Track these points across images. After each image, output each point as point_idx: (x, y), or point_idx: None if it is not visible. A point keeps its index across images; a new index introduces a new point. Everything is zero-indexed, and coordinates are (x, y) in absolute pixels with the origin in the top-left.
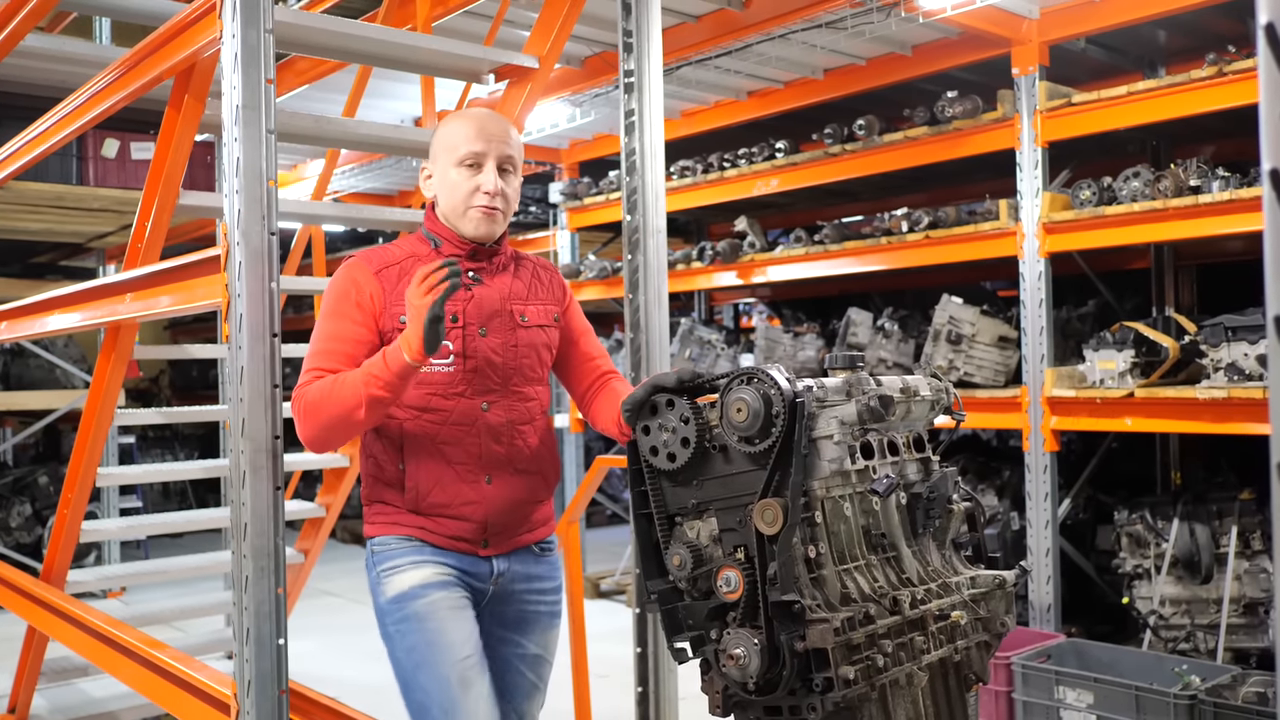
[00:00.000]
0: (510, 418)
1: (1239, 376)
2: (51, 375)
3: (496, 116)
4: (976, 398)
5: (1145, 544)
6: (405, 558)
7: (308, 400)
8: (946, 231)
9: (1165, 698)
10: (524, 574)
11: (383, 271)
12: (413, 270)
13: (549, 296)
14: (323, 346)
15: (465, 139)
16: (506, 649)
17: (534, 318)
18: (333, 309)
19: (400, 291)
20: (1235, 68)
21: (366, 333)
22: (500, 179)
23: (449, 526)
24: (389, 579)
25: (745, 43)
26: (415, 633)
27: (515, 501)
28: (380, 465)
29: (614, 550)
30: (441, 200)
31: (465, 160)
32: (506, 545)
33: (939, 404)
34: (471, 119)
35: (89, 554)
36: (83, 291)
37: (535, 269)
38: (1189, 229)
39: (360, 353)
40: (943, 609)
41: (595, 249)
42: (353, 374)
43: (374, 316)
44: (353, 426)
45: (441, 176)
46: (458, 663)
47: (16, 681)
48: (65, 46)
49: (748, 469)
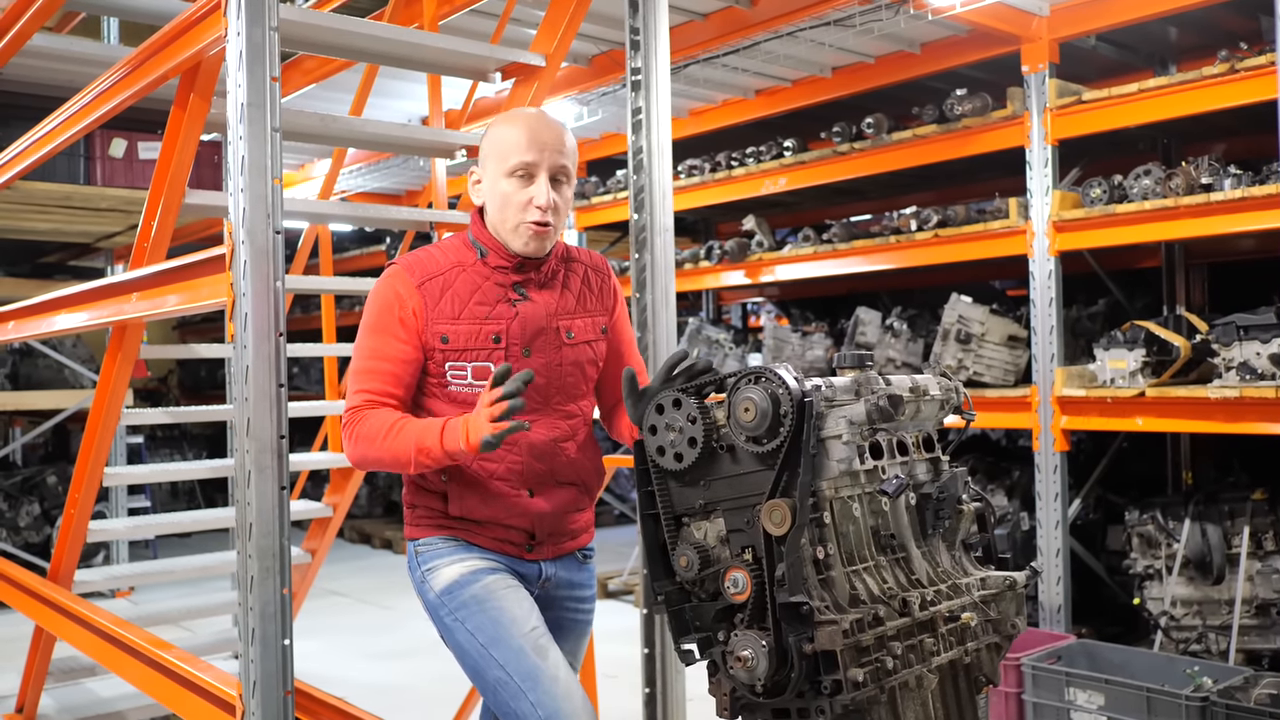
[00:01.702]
0: (553, 436)
1: (1251, 376)
2: (60, 375)
3: (550, 121)
4: (986, 397)
5: (1156, 544)
6: (453, 556)
7: (360, 432)
8: (955, 230)
9: (1177, 699)
10: (568, 580)
11: (425, 285)
12: (456, 283)
13: (598, 306)
14: (369, 365)
15: (517, 147)
16: None
17: (580, 333)
18: (376, 323)
19: (443, 307)
20: (1247, 65)
21: (411, 350)
22: (553, 191)
23: (493, 533)
24: (435, 574)
25: (753, 41)
26: (477, 614)
27: (558, 512)
28: (424, 476)
29: (621, 550)
30: (491, 210)
31: (516, 170)
32: (552, 551)
33: (948, 403)
34: (525, 124)
35: (97, 553)
36: (89, 291)
37: (587, 274)
38: (1200, 227)
39: (406, 372)
40: (953, 610)
41: (603, 248)
42: (409, 431)
43: (417, 333)
44: (397, 470)
45: (491, 185)
46: (528, 633)
47: (24, 681)
48: (73, 46)
49: (755, 469)
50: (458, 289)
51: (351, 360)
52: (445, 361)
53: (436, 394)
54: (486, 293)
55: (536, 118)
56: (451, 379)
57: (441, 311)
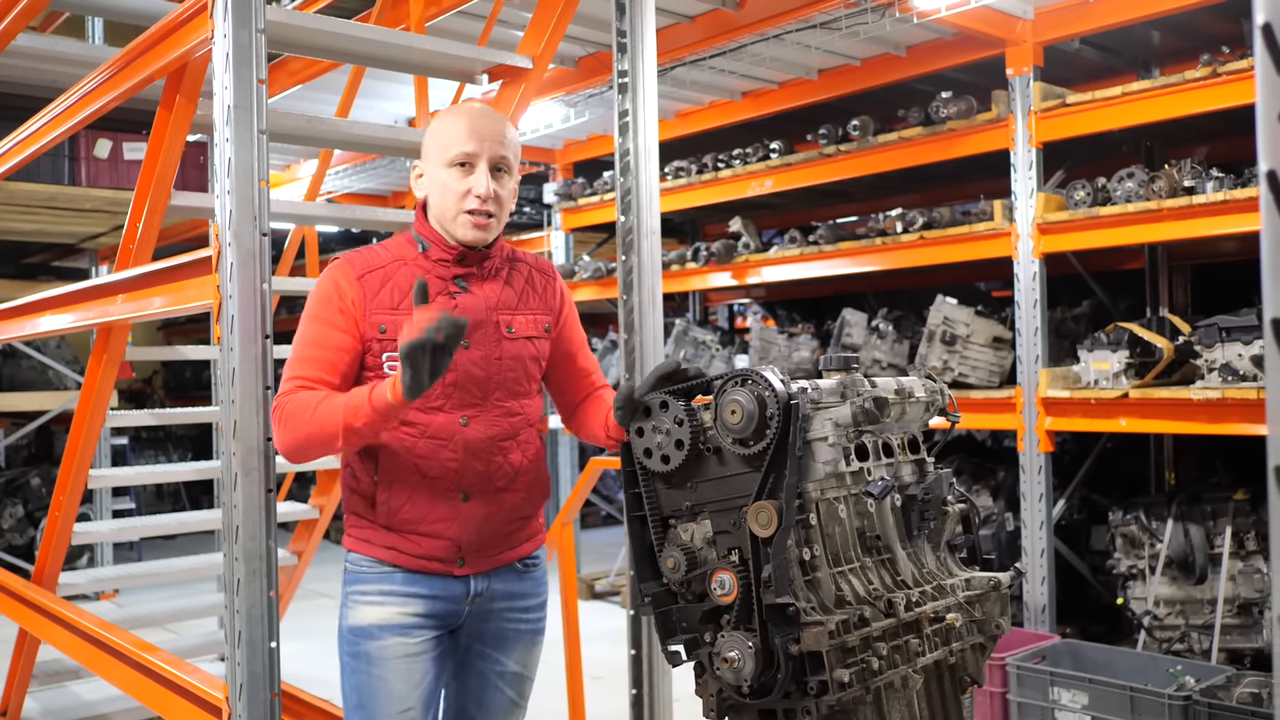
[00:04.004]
0: (491, 434)
1: (1233, 377)
2: (44, 376)
3: (491, 113)
4: (971, 398)
5: (1140, 544)
6: (374, 585)
7: (287, 412)
8: (941, 232)
9: (1160, 698)
10: (505, 592)
11: (366, 276)
12: (397, 276)
13: (541, 305)
14: (305, 353)
15: (457, 138)
16: (485, 664)
17: (521, 328)
18: (315, 313)
19: (382, 299)
20: (1229, 68)
21: (349, 339)
22: (494, 181)
23: (421, 545)
24: (354, 607)
25: (739, 43)
26: (362, 673)
27: (493, 520)
28: (356, 477)
29: (609, 551)
30: (432, 202)
31: (457, 160)
32: (485, 564)
33: (934, 405)
34: (465, 116)
35: (81, 556)
36: (74, 293)
37: (531, 274)
38: (1183, 230)
39: (343, 360)
40: (938, 611)
41: (590, 249)
42: (336, 400)
43: (356, 323)
44: (328, 449)
45: (432, 177)
46: (397, 714)
47: (8, 684)
48: (57, 46)
49: (742, 471)
50: (398, 281)
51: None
52: (383, 352)
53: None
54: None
55: (478, 110)
56: (389, 370)
57: (380, 302)
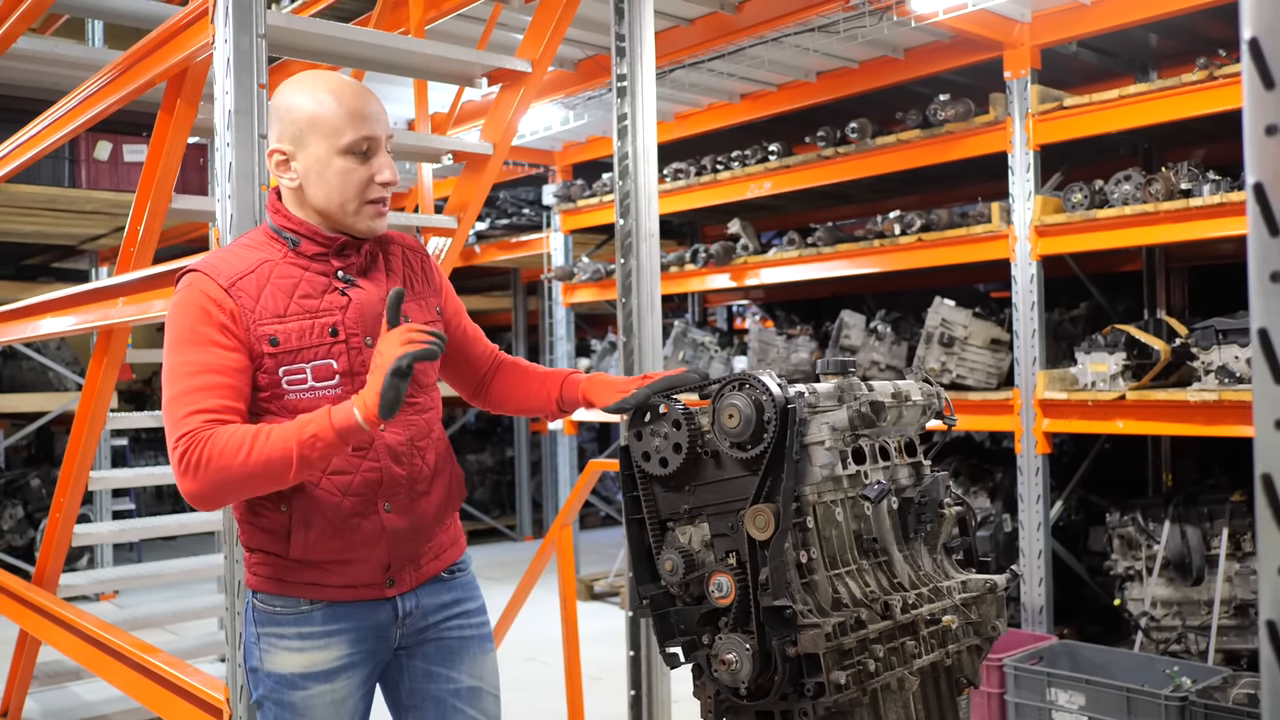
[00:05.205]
0: (410, 434)
1: (1230, 379)
2: (44, 378)
3: (364, 88)
4: (969, 400)
5: (1137, 546)
6: (291, 629)
7: (211, 453)
8: (939, 234)
9: (1156, 699)
10: (436, 604)
11: (235, 286)
12: (273, 278)
13: (426, 287)
14: (195, 382)
15: (351, 122)
16: (438, 686)
17: (417, 316)
18: (189, 334)
19: (265, 307)
20: (1225, 72)
21: (241, 358)
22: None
23: (345, 573)
24: (271, 652)
25: (738, 46)
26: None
27: (418, 528)
28: (257, 509)
29: (608, 552)
30: (316, 191)
31: (356, 147)
32: (413, 579)
33: (930, 408)
34: (346, 94)
35: (82, 557)
36: (75, 295)
37: (405, 254)
38: (1180, 232)
39: (243, 383)
40: (934, 613)
41: (589, 251)
42: (279, 429)
43: (242, 339)
44: (271, 487)
45: (319, 164)
46: None
47: (9, 685)
48: (58, 49)
49: (740, 474)
50: (275, 285)
51: (164, 389)
52: (279, 367)
53: (271, 409)
54: (310, 284)
55: (355, 87)
56: (288, 386)
57: (264, 311)
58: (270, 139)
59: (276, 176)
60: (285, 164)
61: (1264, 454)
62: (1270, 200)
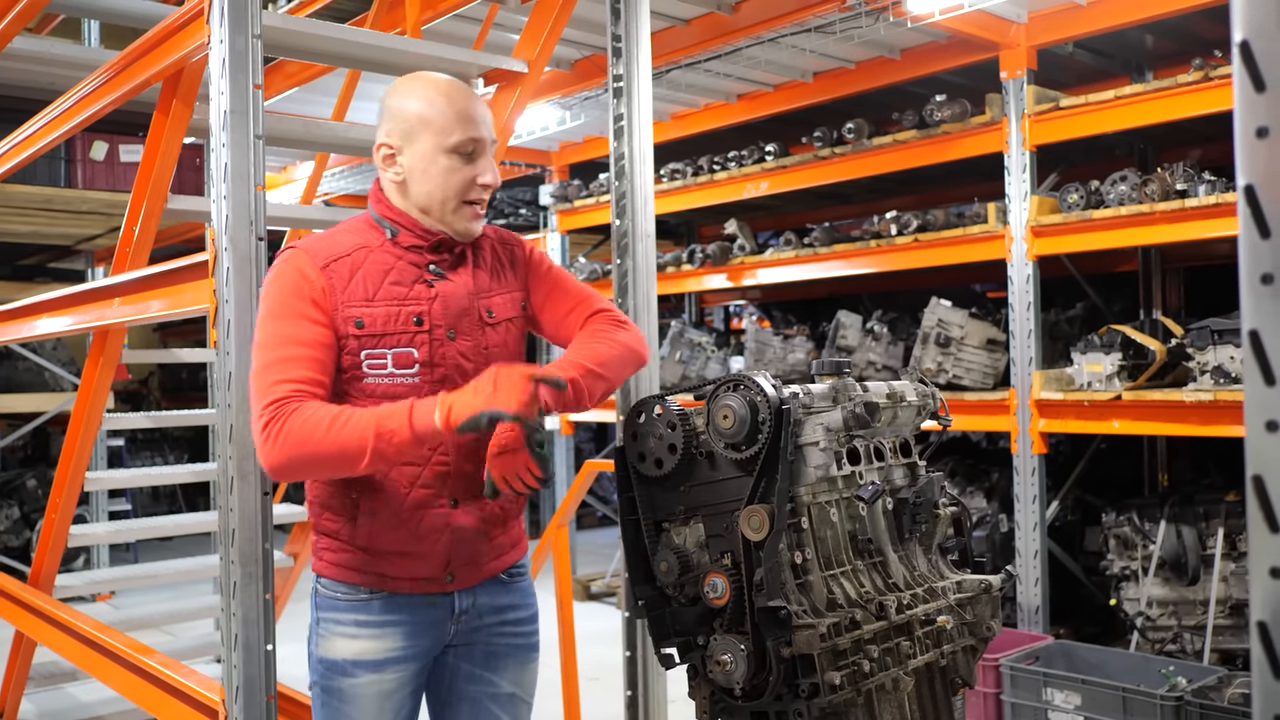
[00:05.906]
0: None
1: (1225, 379)
2: (40, 378)
3: (472, 92)
4: (965, 400)
5: (1133, 546)
6: (348, 615)
7: (292, 426)
8: (935, 235)
9: (1152, 699)
10: (491, 606)
11: (331, 266)
12: (366, 264)
13: (513, 281)
14: (283, 354)
15: (459, 122)
16: (477, 688)
17: (501, 311)
18: (283, 307)
19: (354, 290)
20: (1221, 72)
21: (328, 333)
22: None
23: (408, 565)
24: (327, 637)
25: (734, 46)
26: (334, 708)
27: (482, 528)
28: (330, 491)
29: (604, 552)
30: (419, 188)
31: (462, 148)
32: (474, 577)
33: (925, 409)
34: (456, 96)
35: (78, 558)
36: (71, 295)
37: (494, 246)
38: (1176, 232)
39: (329, 359)
40: (929, 614)
41: (586, 251)
42: (361, 416)
43: (329, 315)
44: (344, 472)
45: (424, 161)
46: None
47: (4, 686)
48: (53, 49)
49: (734, 475)
50: (368, 270)
51: (254, 358)
52: (361, 350)
53: (349, 391)
54: (401, 273)
55: (463, 89)
56: (369, 370)
57: (353, 294)
58: (379, 135)
59: (381, 171)
60: (391, 159)
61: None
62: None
